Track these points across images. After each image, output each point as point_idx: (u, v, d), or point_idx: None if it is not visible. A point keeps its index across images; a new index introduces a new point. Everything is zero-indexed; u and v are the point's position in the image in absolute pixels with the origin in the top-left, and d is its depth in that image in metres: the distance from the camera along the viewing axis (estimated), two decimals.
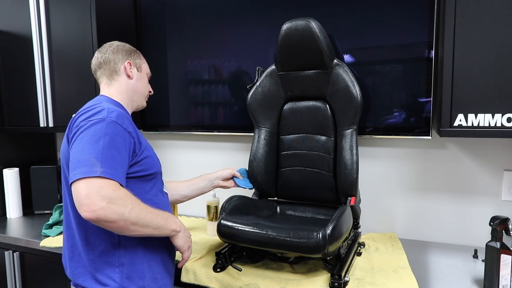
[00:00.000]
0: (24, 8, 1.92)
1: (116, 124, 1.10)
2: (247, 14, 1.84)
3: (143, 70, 1.37)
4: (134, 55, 1.35)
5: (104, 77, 1.31)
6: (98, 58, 1.32)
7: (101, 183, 1.01)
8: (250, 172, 1.60)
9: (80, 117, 1.14)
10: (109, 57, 1.31)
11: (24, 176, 2.14)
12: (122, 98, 1.30)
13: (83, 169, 1.01)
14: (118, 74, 1.30)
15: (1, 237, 1.82)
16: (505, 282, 1.17)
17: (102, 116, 1.10)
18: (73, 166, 1.03)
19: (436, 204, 1.65)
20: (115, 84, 1.30)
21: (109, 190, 1.01)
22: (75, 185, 1.01)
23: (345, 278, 1.24)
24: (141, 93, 1.36)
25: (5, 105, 2.07)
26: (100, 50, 1.34)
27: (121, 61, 1.31)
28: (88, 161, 1.02)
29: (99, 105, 1.16)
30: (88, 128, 1.08)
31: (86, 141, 1.06)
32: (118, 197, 1.02)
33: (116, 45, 1.34)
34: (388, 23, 1.59)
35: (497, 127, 1.21)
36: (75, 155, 1.05)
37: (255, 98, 1.61)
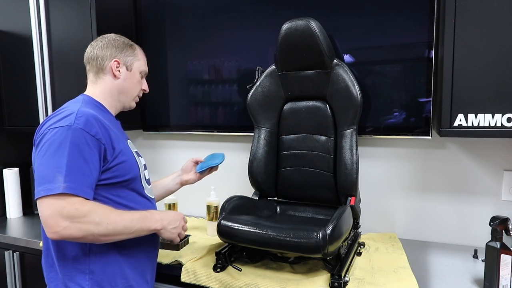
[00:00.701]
0: (24, 8, 1.92)
1: (82, 132, 1.05)
2: (247, 14, 1.84)
3: (135, 68, 1.28)
4: (127, 51, 1.27)
5: (91, 73, 1.26)
6: (88, 52, 1.26)
7: (63, 202, 0.99)
8: (250, 172, 1.60)
9: (46, 122, 1.10)
10: (97, 53, 1.24)
11: (24, 176, 2.13)
12: (105, 98, 1.25)
13: (46, 185, 1.00)
14: (104, 72, 1.24)
15: (1, 237, 1.83)
16: (505, 282, 1.17)
17: (68, 123, 1.05)
18: (37, 181, 1.02)
19: (436, 204, 1.65)
20: (100, 83, 1.25)
21: (71, 209, 0.99)
22: (39, 203, 1.01)
23: (345, 278, 1.24)
24: (128, 93, 1.29)
25: (5, 105, 2.07)
26: (92, 43, 1.28)
27: (109, 58, 1.24)
28: (51, 176, 1.00)
29: (69, 108, 1.12)
30: (52, 137, 1.04)
31: (50, 153, 1.02)
32: (82, 215, 1.00)
33: (108, 39, 1.26)
34: (388, 23, 1.59)
35: (497, 127, 1.21)
36: (39, 169, 1.03)
37: (255, 98, 1.61)
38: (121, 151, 1.15)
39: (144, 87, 1.34)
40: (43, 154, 1.03)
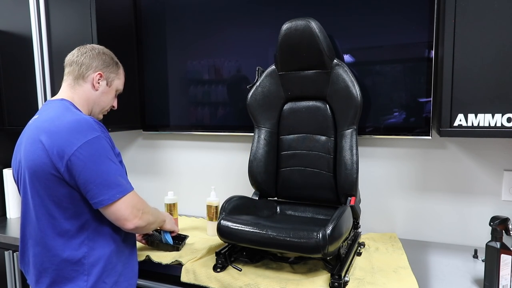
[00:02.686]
0: (24, 8, 1.92)
1: (106, 139, 1.18)
2: (247, 14, 1.84)
3: (114, 86, 1.35)
4: (111, 68, 1.33)
5: (71, 76, 1.30)
6: (74, 55, 1.30)
7: (134, 198, 1.18)
8: (250, 172, 1.60)
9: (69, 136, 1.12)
10: (83, 60, 1.28)
11: None
12: (82, 105, 1.29)
13: (117, 189, 1.13)
14: (84, 80, 1.29)
15: (1, 237, 1.82)
16: (505, 282, 1.17)
17: (97, 133, 1.15)
18: (105, 187, 1.12)
19: (436, 204, 1.65)
20: (78, 89, 1.29)
21: (140, 202, 1.20)
22: (116, 205, 1.13)
23: (345, 278, 1.24)
24: (101, 106, 1.35)
25: (5, 105, 2.07)
26: (80, 48, 1.32)
27: (94, 69, 1.29)
28: (115, 180, 1.14)
29: (77, 117, 1.17)
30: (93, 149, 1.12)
31: (102, 163, 1.13)
32: (144, 206, 1.22)
33: (97, 51, 1.31)
34: (388, 23, 1.59)
35: (497, 127, 1.21)
36: (102, 177, 1.12)
37: (255, 98, 1.61)
38: (118, 153, 1.26)
39: (115, 104, 1.42)
40: (93, 165, 1.12)
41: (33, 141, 1.17)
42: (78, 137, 1.12)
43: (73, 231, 1.17)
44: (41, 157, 1.14)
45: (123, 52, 2.00)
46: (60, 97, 1.29)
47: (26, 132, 1.24)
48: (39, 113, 1.27)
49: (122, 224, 1.16)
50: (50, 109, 1.23)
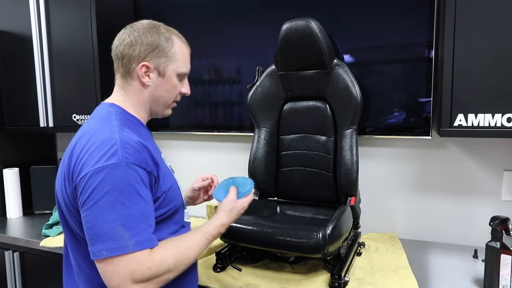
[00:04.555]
0: (24, 8, 1.92)
1: (134, 167, 0.87)
2: (247, 14, 1.84)
3: (170, 71, 1.02)
4: (160, 51, 0.99)
5: (118, 74, 1.04)
6: (114, 47, 1.03)
7: (133, 264, 0.84)
8: (251, 172, 1.59)
9: (87, 158, 0.88)
10: (123, 51, 0.99)
11: (24, 176, 2.13)
12: (137, 110, 1.03)
13: (109, 243, 0.83)
14: (131, 77, 1.01)
15: (1, 237, 1.82)
16: (505, 282, 1.17)
17: (116, 159, 0.85)
18: (94, 237, 0.84)
19: (436, 204, 1.65)
20: (129, 90, 1.02)
21: (143, 271, 0.85)
22: (102, 265, 0.85)
23: (345, 278, 1.24)
24: (162, 102, 1.05)
25: (5, 105, 2.07)
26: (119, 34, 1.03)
27: (136, 60, 0.99)
28: (111, 231, 0.83)
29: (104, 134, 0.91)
30: (101, 181, 0.84)
31: (105, 202, 0.83)
32: (155, 273, 0.87)
33: (138, 32, 0.99)
34: (388, 23, 1.59)
35: (497, 127, 1.21)
36: (94, 222, 0.84)
37: (255, 98, 1.61)
38: (164, 174, 0.97)
39: (185, 90, 1.09)
40: (93, 204, 0.84)
41: (64, 159, 0.97)
42: (91, 161, 0.86)
43: None
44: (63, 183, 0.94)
45: None
46: (111, 100, 1.04)
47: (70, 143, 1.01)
48: (88, 119, 1.04)
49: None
50: (94, 118, 1.00)
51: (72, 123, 1.91)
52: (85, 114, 1.88)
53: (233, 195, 1.12)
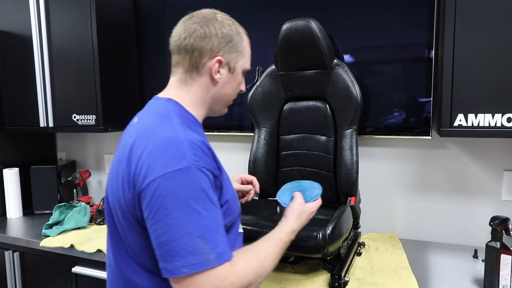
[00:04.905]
0: (24, 8, 1.92)
1: (205, 171, 0.78)
2: (247, 14, 1.84)
3: (238, 67, 0.95)
4: (233, 45, 0.92)
5: (180, 69, 0.92)
6: (180, 37, 0.91)
7: (216, 279, 0.74)
8: (251, 172, 1.59)
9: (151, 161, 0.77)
10: (193, 44, 0.88)
11: (24, 176, 2.13)
12: (197, 108, 0.94)
13: (189, 258, 0.72)
14: (198, 73, 0.91)
15: (1, 237, 1.82)
16: (505, 282, 1.17)
17: (186, 163, 0.75)
18: (171, 252, 0.73)
19: (436, 204, 1.65)
20: (193, 86, 0.92)
21: (226, 285, 0.75)
22: (181, 284, 0.74)
23: (345, 278, 1.24)
24: (224, 101, 0.98)
25: (5, 105, 2.07)
26: (186, 24, 0.91)
27: (209, 54, 0.89)
28: (193, 245, 0.73)
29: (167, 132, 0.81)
30: (172, 188, 0.74)
31: (180, 212, 0.73)
32: (237, 286, 0.77)
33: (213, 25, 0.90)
34: (388, 23, 1.59)
35: (497, 127, 1.21)
36: (170, 235, 0.73)
37: (255, 98, 1.61)
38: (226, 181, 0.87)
39: (243, 87, 1.01)
40: (166, 214, 0.73)
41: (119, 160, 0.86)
42: (157, 165, 0.76)
43: None
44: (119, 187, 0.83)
45: (123, 52, 2.00)
46: (167, 95, 0.93)
47: (122, 141, 0.90)
48: (140, 115, 0.93)
49: None
50: (150, 114, 0.89)
51: (72, 123, 1.91)
52: (85, 114, 1.88)
53: (300, 198, 1.04)
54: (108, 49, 1.88)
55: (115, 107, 1.94)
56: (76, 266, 1.65)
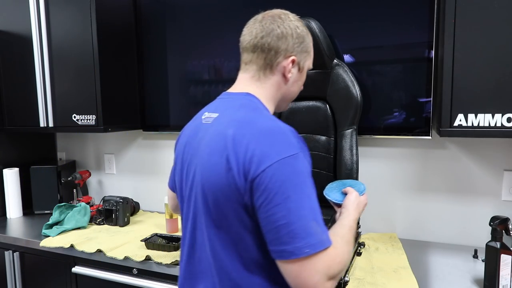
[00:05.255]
0: (24, 8, 1.92)
1: (308, 158, 0.83)
2: (248, 13, 1.83)
3: (305, 67, 0.99)
4: (305, 45, 0.96)
5: (254, 66, 0.95)
6: (257, 36, 0.93)
7: (328, 259, 0.78)
8: None
9: (263, 148, 0.79)
10: (270, 43, 0.92)
11: (24, 176, 2.14)
12: (269, 104, 0.96)
13: (308, 239, 0.76)
14: (272, 71, 0.94)
15: (1, 237, 1.82)
16: (505, 282, 1.17)
17: (295, 150, 0.80)
18: (291, 234, 0.76)
19: (436, 204, 1.65)
20: (266, 82, 0.95)
21: (335, 265, 0.79)
22: (298, 264, 0.76)
23: (345, 278, 1.24)
24: (289, 98, 1.01)
25: (5, 105, 2.07)
26: (262, 21, 0.95)
27: (284, 53, 0.92)
28: (310, 226, 0.77)
29: (273, 124, 0.84)
30: (290, 173, 0.78)
31: (297, 196, 0.77)
32: (342, 266, 0.82)
33: (286, 24, 0.93)
34: (388, 23, 1.59)
35: (497, 127, 1.21)
36: (290, 218, 0.76)
37: None
38: None
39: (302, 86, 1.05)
40: (285, 198, 0.76)
41: (215, 150, 0.85)
42: (271, 152, 0.79)
43: None
44: (222, 175, 0.82)
45: (123, 52, 2.00)
46: (243, 90, 0.96)
47: (201, 134, 0.92)
48: (217, 110, 0.94)
49: None
50: (237, 107, 0.91)
51: (72, 123, 1.91)
52: (85, 114, 1.88)
53: (355, 191, 1.09)
54: (108, 49, 1.88)
55: (115, 107, 1.94)
56: (76, 266, 1.65)
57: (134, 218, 2.01)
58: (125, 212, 1.90)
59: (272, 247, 0.79)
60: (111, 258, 1.54)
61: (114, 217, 1.88)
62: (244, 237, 0.84)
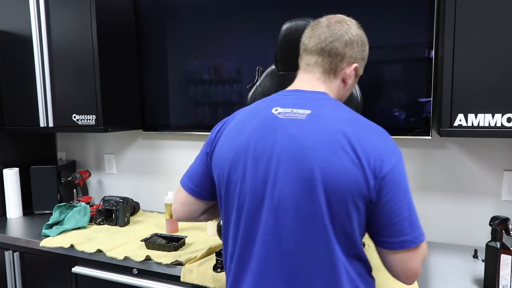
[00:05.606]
0: (24, 8, 1.92)
1: None
2: (247, 14, 1.84)
3: (359, 74, 1.02)
4: (365, 53, 1.00)
5: (320, 69, 0.96)
6: (326, 40, 0.95)
7: (425, 246, 0.91)
8: None
9: (384, 148, 0.85)
10: (338, 48, 0.94)
11: (24, 176, 2.14)
12: None
13: (420, 229, 0.87)
14: (335, 76, 0.97)
15: (1, 237, 1.82)
16: (505, 282, 1.17)
17: (399, 150, 0.89)
18: (412, 225, 0.85)
19: (436, 204, 1.65)
20: (330, 85, 0.97)
21: (426, 251, 0.93)
22: (411, 252, 0.87)
23: None
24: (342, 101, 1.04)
25: (5, 105, 2.07)
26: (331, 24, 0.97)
27: (348, 61, 0.95)
28: (418, 221, 0.87)
29: (372, 124, 0.93)
30: (403, 170, 0.86)
31: (409, 191, 0.87)
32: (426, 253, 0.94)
33: (355, 32, 0.96)
34: (388, 23, 1.59)
35: (497, 127, 1.21)
36: (411, 210, 0.86)
37: (255, 98, 1.61)
38: None
39: None
40: (405, 194, 0.85)
41: (335, 147, 0.84)
42: (391, 151, 0.86)
43: None
44: (349, 171, 0.82)
45: (123, 52, 2.00)
46: (315, 89, 0.96)
47: (289, 129, 0.88)
48: (304, 106, 0.91)
49: (404, 277, 0.91)
50: (331, 106, 0.92)
51: (72, 123, 1.91)
52: (85, 114, 1.88)
53: None
54: (108, 49, 1.88)
55: (115, 107, 1.94)
56: (76, 266, 1.65)
57: (134, 218, 2.02)
58: (125, 212, 1.90)
59: (392, 239, 0.86)
60: (111, 258, 1.54)
61: (114, 217, 1.89)
62: (355, 233, 0.87)
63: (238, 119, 0.98)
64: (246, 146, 0.91)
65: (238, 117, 0.99)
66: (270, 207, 0.87)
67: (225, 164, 0.94)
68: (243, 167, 0.90)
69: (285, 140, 0.87)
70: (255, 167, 0.89)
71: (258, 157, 0.89)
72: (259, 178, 0.88)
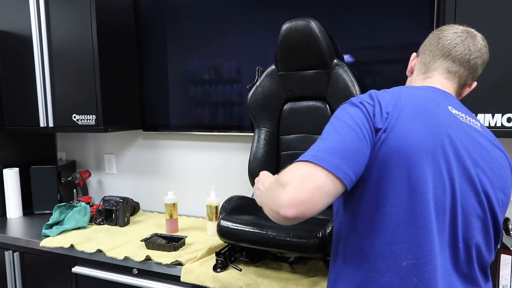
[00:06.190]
0: (24, 8, 1.92)
1: None
2: (247, 14, 1.84)
3: None
4: None
5: (457, 79, 0.96)
6: (473, 53, 0.94)
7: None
8: (251, 172, 1.59)
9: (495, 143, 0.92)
10: (478, 66, 0.95)
11: (24, 176, 2.13)
12: None
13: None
14: (461, 91, 1.00)
15: (1, 237, 1.82)
16: (505, 282, 1.17)
17: None
18: None
19: None
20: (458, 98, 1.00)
21: None
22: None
23: None
24: None
25: (5, 105, 2.07)
26: (476, 40, 0.94)
27: (473, 79, 0.98)
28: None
29: None
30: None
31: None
32: None
33: (487, 53, 0.97)
34: (388, 23, 1.59)
35: (497, 127, 1.21)
36: None
37: (255, 98, 1.61)
38: None
39: None
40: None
41: (502, 166, 0.89)
42: None
43: None
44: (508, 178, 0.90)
45: (123, 52, 2.00)
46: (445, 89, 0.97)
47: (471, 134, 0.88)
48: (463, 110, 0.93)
49: None
50: (474, 118, 0.95)
51: (72, 123, 1.91)
52: (85, 114, 1.88)
53: None
54: (108, 49, 1.88)
55: (115, 107, 1.94)
56: (76, 266, 1.65)
57: (134, 218, 2.02)
58: (125, 212, 1.90)
59: None
60: (111, 258, 1.54)
61: (114, 217, 1.89)
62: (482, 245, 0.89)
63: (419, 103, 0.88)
64: (441, 136, 0.83)
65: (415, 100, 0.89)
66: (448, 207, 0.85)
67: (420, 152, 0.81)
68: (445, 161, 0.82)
69: (467, 144, 0.85)
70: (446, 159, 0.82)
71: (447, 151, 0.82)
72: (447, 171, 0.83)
